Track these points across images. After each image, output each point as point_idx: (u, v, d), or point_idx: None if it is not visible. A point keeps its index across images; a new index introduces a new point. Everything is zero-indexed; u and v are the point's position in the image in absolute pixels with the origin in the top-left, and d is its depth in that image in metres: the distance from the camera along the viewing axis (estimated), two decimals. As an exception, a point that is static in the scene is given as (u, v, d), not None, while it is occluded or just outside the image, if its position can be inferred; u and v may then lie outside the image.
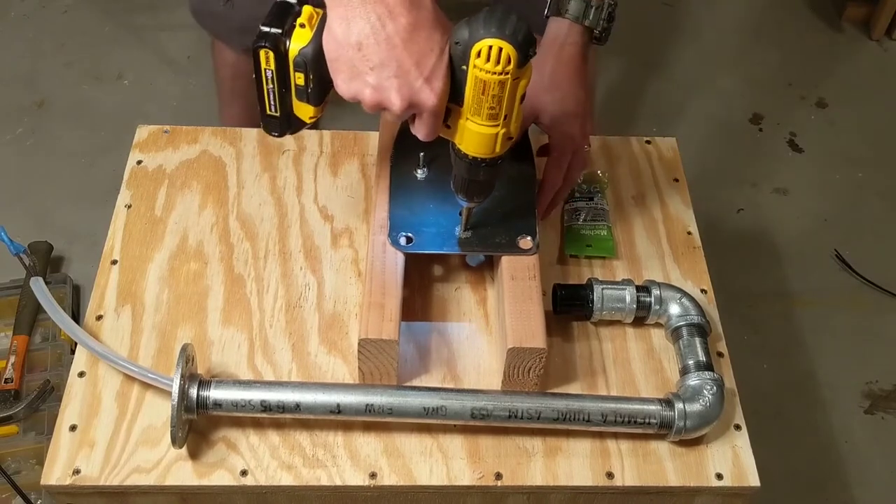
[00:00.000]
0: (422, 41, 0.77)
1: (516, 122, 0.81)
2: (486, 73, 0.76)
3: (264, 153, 1.13)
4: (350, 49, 0.77)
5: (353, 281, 1.00)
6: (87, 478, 0.84)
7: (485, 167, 0.84)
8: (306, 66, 0.82)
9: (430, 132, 0.82)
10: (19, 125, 2.07)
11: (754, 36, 2.39)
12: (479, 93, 0.77)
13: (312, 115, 0.87)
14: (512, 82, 0.76)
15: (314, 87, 0.84)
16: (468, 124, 0.80)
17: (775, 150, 2.11)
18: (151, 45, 2.25)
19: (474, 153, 0.83)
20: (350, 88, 0.80)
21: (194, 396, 0.84)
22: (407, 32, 0.76)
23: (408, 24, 0.76)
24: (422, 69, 0.77)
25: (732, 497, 0.89)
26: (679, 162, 1.16)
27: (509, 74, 0.75)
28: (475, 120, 0.80)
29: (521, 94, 0.79)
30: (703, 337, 0.93)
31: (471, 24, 0.76)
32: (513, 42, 0.74)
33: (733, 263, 1.85)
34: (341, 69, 0.79)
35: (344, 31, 0.77)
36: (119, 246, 1.02)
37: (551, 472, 0.87)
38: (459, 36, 0.77)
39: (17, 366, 1.50)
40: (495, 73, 0.75)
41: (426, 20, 0.77)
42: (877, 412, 1.67)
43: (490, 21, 0.74)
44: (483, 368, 0.93)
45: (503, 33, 0.74)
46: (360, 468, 0.86)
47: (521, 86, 0.78)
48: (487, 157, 0.83)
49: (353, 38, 0.77)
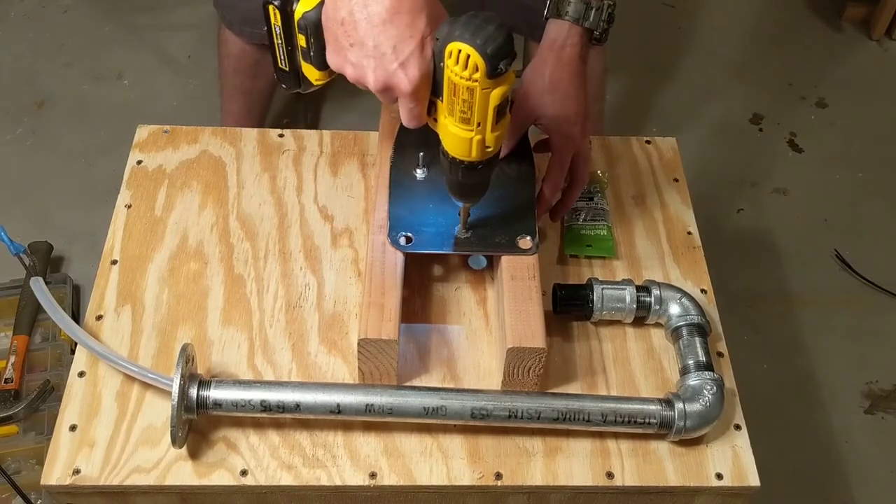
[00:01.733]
0: (402, 26, 0.77)
1: (493, 132, 0.79)
2: (455, 77, 0.75)
3: (264, 153, 1.13)
4: (335, 24, 0.79)
5: (353, 281, 1.00)
6: (87, 478, 0.84)
7: (464, 169, 0.83)
8: (307, 30, 0.84)
9: (410, 119, 0.82)
10: (19, 125, 2.07)
11: (754, 36, 2.39)
12: (451, 94, 0.77)
13: (318, 77, 0.89)
14: (481, 91, 0.75)
15: (316, 51, 0.85)
16: (446, 122, 0.80)
17: (775, 150, 2.11)
18: (151, 45, 2.25)
19: (453, 153, 0.82)
20: (334, 61, 0.83)
21: (194, 396, 0.84)
22: (388, 14, 0.76)
23: (390, 6, 0.76)
24: (398, 54, 0.78)
25: (732, 497, 0.89)
26: (679, 162, 1.16)
27: (477, 83, 0.74)
28: (451, 120, 0.79)
29: (494, 105, 0.77)
30: (703, 337, 0.93)
31: (451, 24, 0.75)
32: (481, 52, 0.73)
33: (733, 263, 1.85)
34: (329, 41, 0.82)
35: (333, 6, 0.79)
36: (119, 246, 1.02)
37: (551, 472, 0.87)
38: (440, 32, 0.77)
39: (17, 366, 1.50)
40: (463, 79, 0.74)
41: (411, 6, 0.77)
42: (877, 412, 1.67)
43: (467, 26, 0.73)
44: (483, 368, 0.93)
45: (474, 41, 0.73)
46: (360, 468, 0.86)
47: (493, 96, 0.76)
48: (465, 160, 0.82)
49: (339, 14, 0.79)
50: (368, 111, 1.36)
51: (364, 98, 2.14)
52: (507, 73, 0.75)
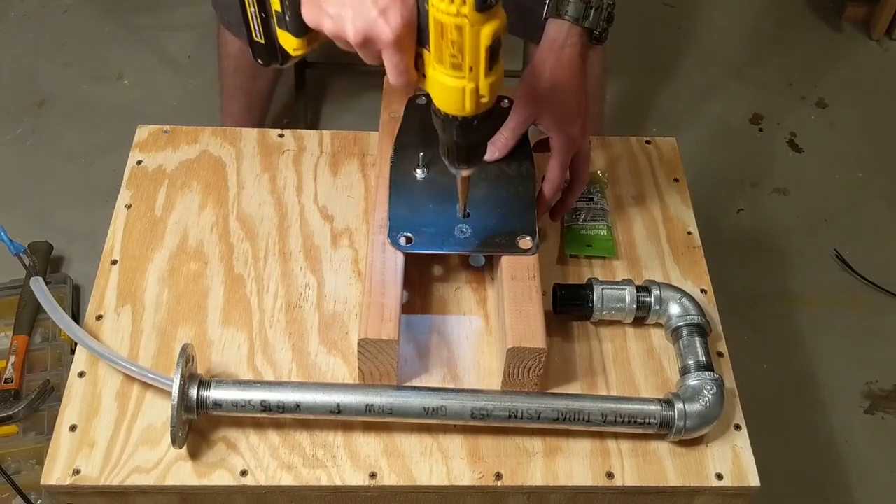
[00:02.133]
0: None
1: (487, 78, 0.74)
2: (442, 14, 0.69)
3: (264, 153, 1.13)
4: None
5: (353, 281, 1.00)
6: (87, 478, 0.84)
7: (458, 126, 0.78)
8: None
9: (397, 75, 0.78)
10: (19, 125, 2.07)
11: (754, 36, 2.39)
12: (439, 36, 0.71)
13: (296, 46, 0.84)
14: (471, 28, 0.69)
15: (292, 16, 0.81)
16: (435, 73, 0.75)
17: (775, 150, 2.11)
18: (151, 45, 2.25)
19: (445, 109, 0.77)
20: (311, 16, 0.78)
21: (194, 396, 0.84)
22: None
23: None
24: (377, 1, 0.74)
25: (732, 497, 0.89)
26: (679, 162, 1.16)
27: (466, 17, 0.69)
28: (440, 69, 0.74)
29: (486, 45, 0.71)
30: (703, 337, 0.93)
31: None
32: None
33: (733, 263, 1.85)
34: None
35: None
36: (119, 246, 1.02)
37: (551, 472, 0.87)
38: None
39: (17, 366, 1.50)
40: (450, 15, 0.69)
41: None
42: (877, 412, 1.67)
43: None
44: (483, 368, 0.93)
45: None
46: (360, 468, 0.86)
47: (483, 34, 0.70)
48: (459, 116, 0.77)
49: None
50: (368, 111, 1.36)
51: (364, 98, 2.15)
52: (496, 7, 0.70)
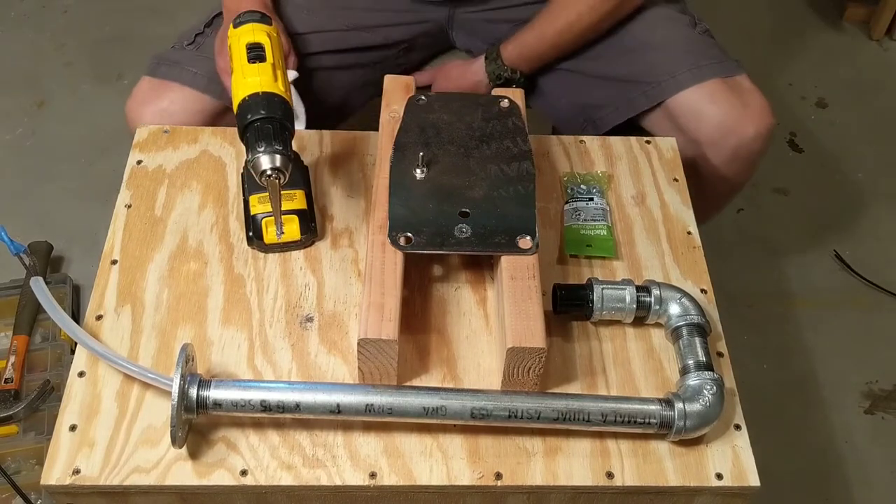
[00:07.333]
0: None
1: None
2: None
3: (264, 153, 1.12)
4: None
5: (353, 281, 1.00)
6: (87, 478, 0.84)
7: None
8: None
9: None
10: (19, 125, 2.07)
11: (754, 36, 2.39)
12: None
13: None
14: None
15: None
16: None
17: (775, 150, 2.11)
18: (151, 46, 2.25)
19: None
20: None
21: (194, 396, 0.84)
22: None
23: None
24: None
25: (732, 497, 0.89)
26: (679, 162, 1.16)
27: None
28: None
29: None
30: (703, 337, 0.93)
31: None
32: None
33: (733, 263, 1.85)
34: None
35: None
36: (119, 246, 1.02)
37: (551, 472, 0.87)
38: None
39: (17, 366, 1.50)
40: None
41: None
42: (877, 412, 1.67)
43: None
44: (483, 368, 0.93)
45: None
46: (360, 468, 0.86)
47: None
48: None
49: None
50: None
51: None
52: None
